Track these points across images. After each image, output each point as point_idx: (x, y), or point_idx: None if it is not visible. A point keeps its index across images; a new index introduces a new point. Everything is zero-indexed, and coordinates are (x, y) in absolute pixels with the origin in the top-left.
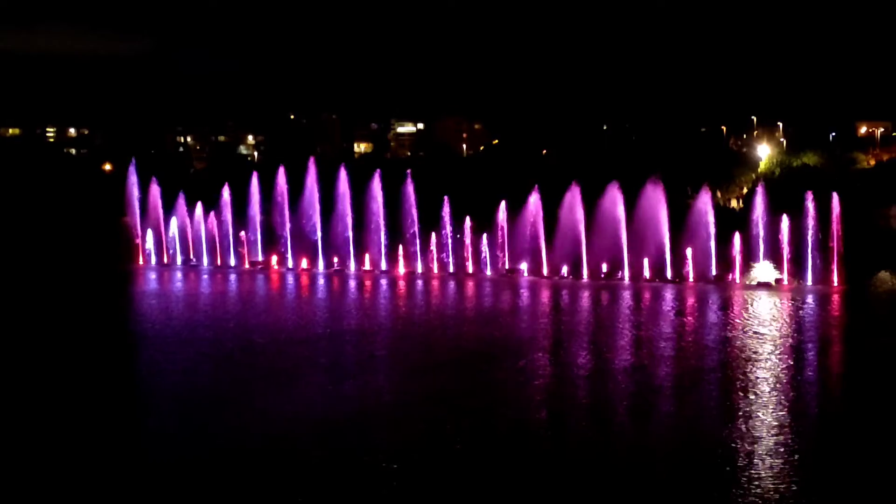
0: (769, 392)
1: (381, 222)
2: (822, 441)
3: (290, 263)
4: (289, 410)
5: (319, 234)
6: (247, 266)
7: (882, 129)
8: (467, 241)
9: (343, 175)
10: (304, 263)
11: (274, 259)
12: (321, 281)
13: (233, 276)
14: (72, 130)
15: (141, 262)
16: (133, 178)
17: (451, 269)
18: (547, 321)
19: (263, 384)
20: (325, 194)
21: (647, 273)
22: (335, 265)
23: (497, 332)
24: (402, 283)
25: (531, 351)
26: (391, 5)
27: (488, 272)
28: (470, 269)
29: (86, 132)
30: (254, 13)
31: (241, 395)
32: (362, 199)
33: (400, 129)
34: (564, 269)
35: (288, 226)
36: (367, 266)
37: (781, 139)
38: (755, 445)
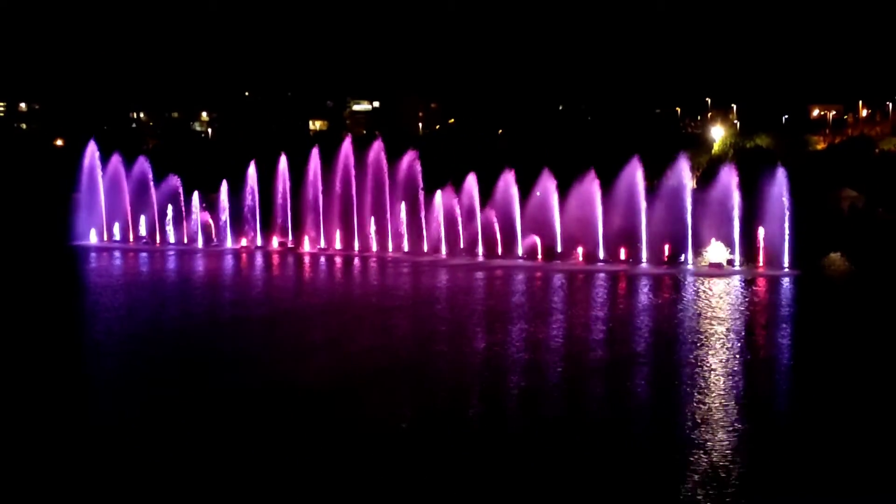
0: (708, 375)
1: None
2: (760, 432)
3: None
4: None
5: None
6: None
7: (834, 112)
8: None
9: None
10: None
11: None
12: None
13: (187, 256)
14: (22, 105)
15: (95, 240)
16: (87, 155)
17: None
18: (489, 302)
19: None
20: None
21: (601, 254)
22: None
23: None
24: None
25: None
26: None
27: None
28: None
29: (37, 107)
30: None
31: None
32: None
33: (356, 108)
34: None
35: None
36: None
37: (735, 121)
38: (700, 429)
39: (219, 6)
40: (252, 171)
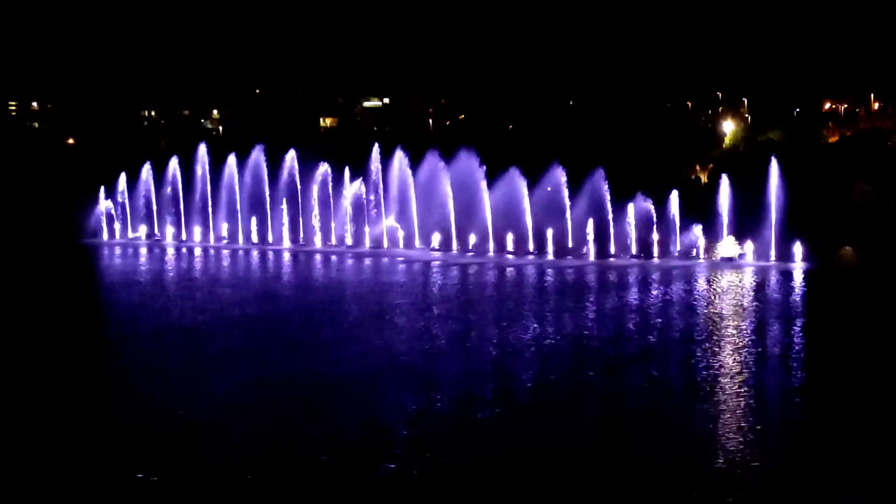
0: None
1: None
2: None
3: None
4: None
5: None
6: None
7: (846, 106)
8: None
9: None
10: None
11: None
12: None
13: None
14: (34, 104)
15: (105, 237)
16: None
17: None
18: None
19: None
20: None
21: (611, 249)
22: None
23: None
24: None
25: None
26: None
27: None
28: None
29: (49, 106)
30: None
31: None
32: None
33: (366, 104)
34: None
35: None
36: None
37: (746, 115)
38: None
39: (229, 4)
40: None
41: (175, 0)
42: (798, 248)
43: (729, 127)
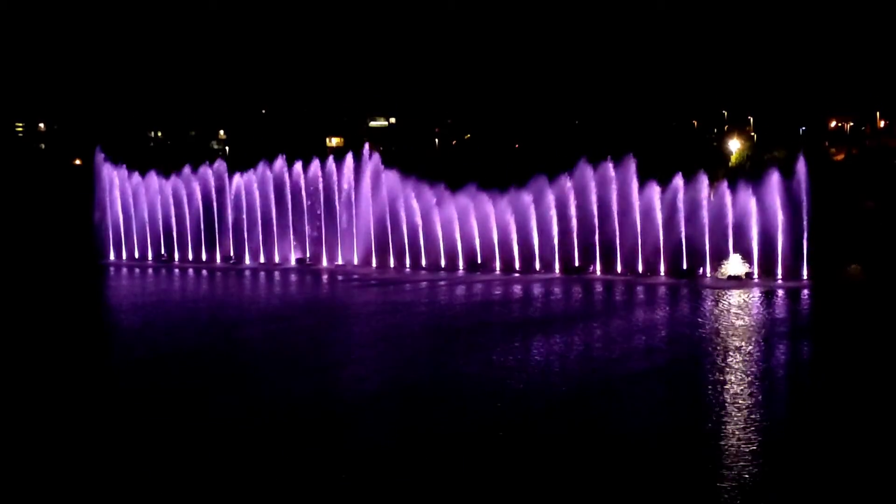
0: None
1: None
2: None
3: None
4: None
5: None
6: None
7: (851, 123)
8: None
9: None
10: None
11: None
12: None
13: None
14: (41, 125)
15: (112, 258)
16: (102, 173)
17: None
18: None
19: None
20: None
21: (618, 267)
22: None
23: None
24: None
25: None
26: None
27: None
28: None
29: (55, 127)
30: (226, 8)
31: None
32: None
33: (372, 124)
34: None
35: None
36: None
37: (752, 133)
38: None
39: (235, 25)
40: None
41: (181, 20)
42: (805, 266)
43: (735, 145)
